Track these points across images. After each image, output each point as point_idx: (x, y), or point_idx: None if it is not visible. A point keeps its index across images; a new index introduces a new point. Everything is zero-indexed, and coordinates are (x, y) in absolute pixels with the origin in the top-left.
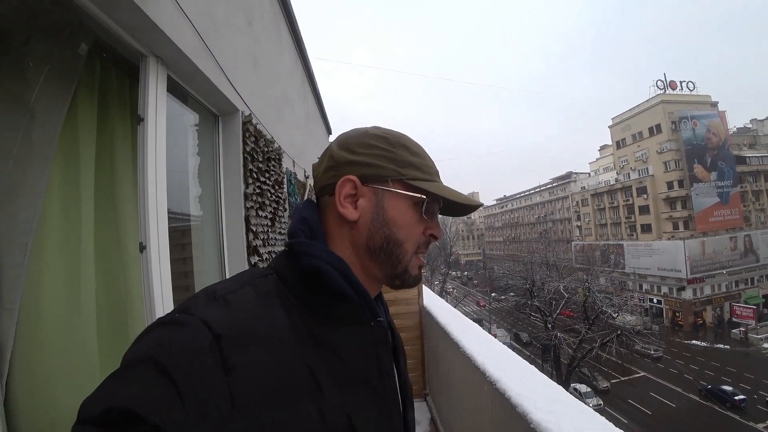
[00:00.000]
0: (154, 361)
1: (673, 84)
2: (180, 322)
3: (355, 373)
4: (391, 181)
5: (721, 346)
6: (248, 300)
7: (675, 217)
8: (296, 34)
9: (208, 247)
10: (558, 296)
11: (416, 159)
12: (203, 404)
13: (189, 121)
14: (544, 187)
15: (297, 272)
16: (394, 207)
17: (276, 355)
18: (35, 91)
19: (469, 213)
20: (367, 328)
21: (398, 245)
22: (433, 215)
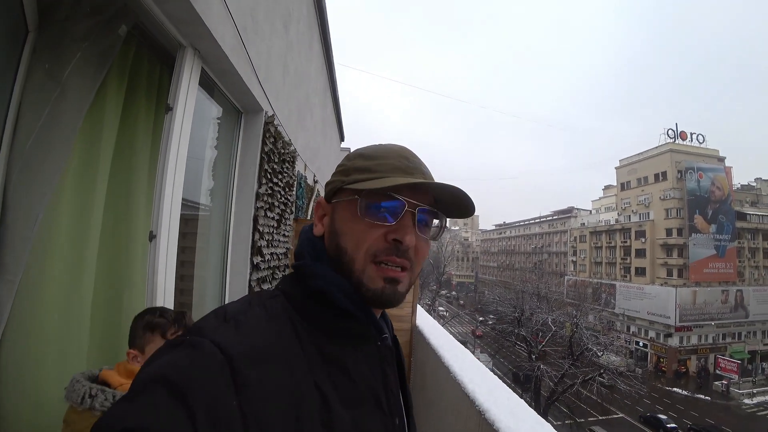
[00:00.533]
0: (166, 383)
1: (683, 134)
2: (192, 344)
3: (363, 391)
4: (338, 192)
5: (701, 397)
6: (258, 321)
7: (670, 264)
8: (327, 42)
9: (213, 241)
10: (545, 328)
11: (366, 162)
12: (216, 425)
13: (212, 113)
14: (544, 219)
15: (304, 294)
16: (340, 216)
17: (286, 375)
18: (70, 66)
19: (465, 208)
20: (374, 346)
21: (344, 253)
22: (384, 217)
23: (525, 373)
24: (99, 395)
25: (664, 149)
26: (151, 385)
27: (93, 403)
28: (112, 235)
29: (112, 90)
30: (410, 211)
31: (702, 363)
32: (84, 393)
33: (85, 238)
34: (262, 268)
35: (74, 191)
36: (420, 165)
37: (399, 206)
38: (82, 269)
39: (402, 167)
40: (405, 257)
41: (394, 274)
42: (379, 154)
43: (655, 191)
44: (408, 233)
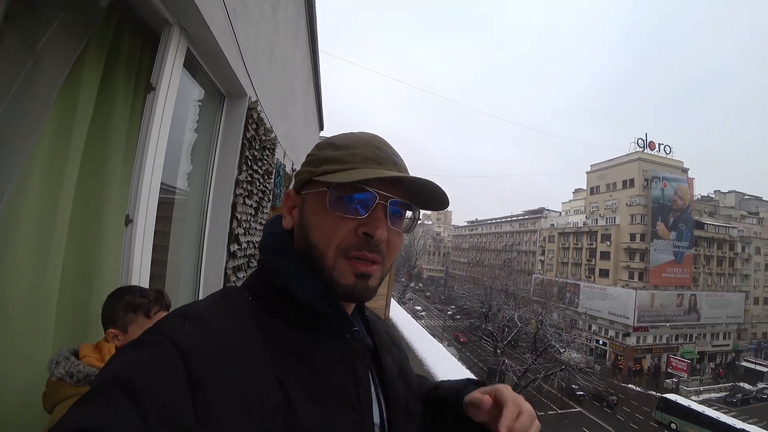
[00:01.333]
0: (118, 381)
1: (652, 144)
2: (148, 342)
3: (331, 387)
4: (307, 183)
5: (653, 393)
6: (218, 316)
7: (632, 267)
8: (313, 29)
9: (189, 227)
10: (511, 324)
11: (336, 152)
12: (167, 421)
13: (193, 95)
14: (516, 218)
15: (269, 289)
16: (310, 208)
17: (244, 371)
18: (45, 36)
19: (438, 201)
20: (344, 341)
21: (314, 248)
22: (354, 209)
23: (490, 367)
24: (62, 362)
25: (633, 157)
26: (105, 386)
27: (54, 370)
28: (83, 218)
29: (91, 64)
30: (382, 204)
31: (655, 362)
32: (54, 360)
33: (53, 221)
34: (239, 256)
35: (44, 169)
36: (392, 155)
37: (370, 198)
38: (50, 253)
39: (374, 158)
40: (377, 251)
41: (365, 269)
42: (350, 144)
43: (622, 197)
44: (379, 227)
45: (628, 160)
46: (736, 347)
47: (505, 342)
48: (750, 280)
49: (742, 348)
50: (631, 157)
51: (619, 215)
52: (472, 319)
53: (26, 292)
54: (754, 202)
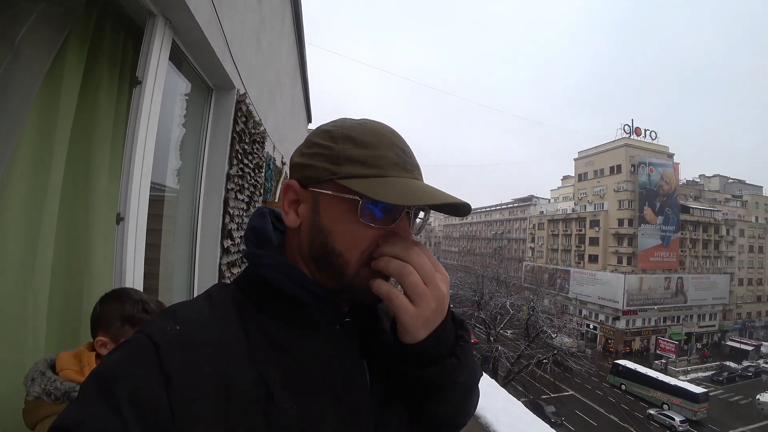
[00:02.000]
0: (98, 379)
1: (638, 131)
2: (129, 341)
3: (316, 379)
4: (325, 182)
5: None
6: (199, 310)
7: (620, 252)
8: (299, 19)
9: (180, 223)
10: (503, 311)
11: (360, 152)
12: (142, 415)
13: (180, 89)
14: (505, 206)
15: (251, 281)
16: (329, 212)
17: (221, 362)
18: (24, 28)
19: (461, 212)
20: (332, 332)
21: (336, 255)
22: (381, 218)
23: (483, 354)
24: (37, 379)
25: (620, 143)
26: (88, 384)
27: (29, 388)
28: (70, 217)
29: (72, 58)
30: (407, 212)
31: (645, 344)
32: (29, 376)
33: (39, 219)
34: (233, 251)
35: (28, 165)
36: (413, 156)
37: (398, 208)
38: (37, 253)
39: (400, 163)
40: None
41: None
42: (372, 142)
43: (610, 183)
44: (407, 236)
45: (615, 146)
46: (722, 327)
47: (498, 329)
48: (734, 261)
49: (727, 328)
50: (618, 144)
51: (607, 201)
52: (465, 307)
53: (15, 293)
54: (738, 186)
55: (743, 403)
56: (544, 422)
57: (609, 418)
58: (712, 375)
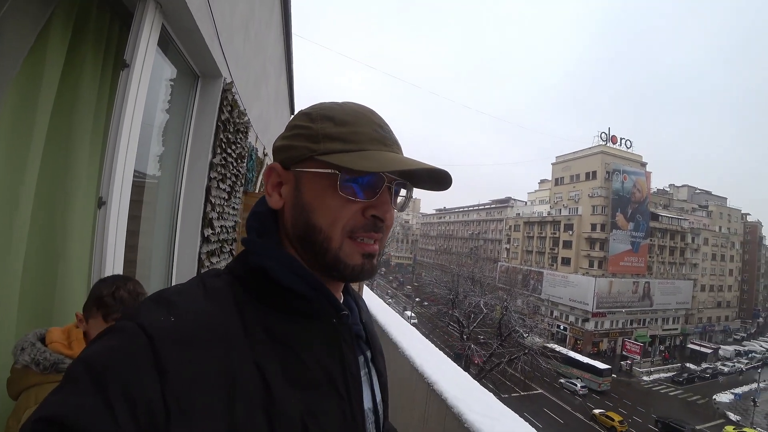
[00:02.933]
0: (88, 370)
1: (614, 138)
2: (118, 329)
3: (315, 372)
4: (306, 161)
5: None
6: (193, 299)
7: (592, 256)
8: (287, 10)
9: (161, 210)
10: (477, 310)
11: (338, 129)
12: (134, 408)
13: (167, 74)
14: (483, 207)
15: (249, 270)
16: (310, 189)
17: (219, 355)
18: (6, 5)
19: (442, 183)
20: (330, 324)
21: (318, 231)
22: (361, 192)
23: (456, 352)
24: (27, 349)
25: (596, 150)
26: (75, 373)
27: (18, 357)
28: (48, 199)
29: (56, 37)
30: (388, 186)
31: (612, 345)
32: (19, 346)
33: (16, 201)
34: (213, 240)
35: (5, 145)
36: (391, 133)
37: (378, 181)
38: (12, 235)
39: (379, 138)
40: (380, 231)
41: (370, 249)
42: (350, 120)
43: (585, 188)
44: (388, 210)
45: (591, 152)
46: (684, 331)
47: (472, 328)
48: (698, 268)
49: (689, 332)
50: (595, 150)
51: (582, 206)
52: (440, 305)
53: None
54: (705, 196)
55: (701, 403)
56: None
57: (575, 415)
58: (673, 376)
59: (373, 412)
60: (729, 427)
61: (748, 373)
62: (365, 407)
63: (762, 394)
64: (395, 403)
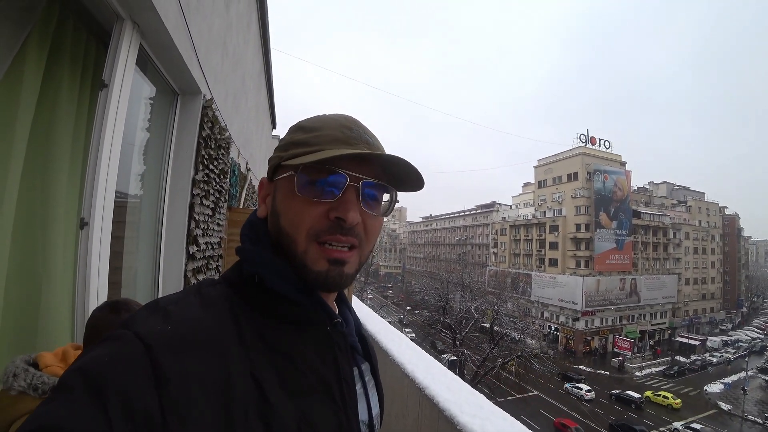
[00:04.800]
0: (84, 378)
1: (593, 140)
2: (115, 337)
3: (310, 380)
4: (278, 170)
5: (602, 372)
6: (190, 308)
7: (578, 256)
8: (264, 24)
9: (144, 230)
10: (468, 316)
11: (305, 135)
12: (132, 418)
13: (146, 93)
14: (469, 213)
15: (243, 279)
16: (279, 195)
17: (216, 364)
18: None
19: (410, 179)
20: (324, 332)
21: (285, 235)
22: (324, 193)
23: (449, 360)
24: (20, 375)
25: (576, 152)
26: (70, 382)
27: (12, 383)
28: (28, 221)
29: (32, 59)
30: (353, 186)
31: (603, 342)
32: (10, 372)
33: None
34: (198, 257)
35: None
36: (364, 134)
37: (341, 180)
38: None
39: (342, 138)
40: (351, 235)
41: (339, 255)
42: (318, 125)
43: (568, 190)
44: (350, 209)
45: (572, 154)
46: (672, 324)
47: (464, 333)
48: (681, 262)
49: (676, 325)
50: (575, 152)
51: (565, 207)
52: (431, 312)
53: None
54: (683, 192)
55: (693, 395)
56: (503, 411)
57: (571, 415)
58: (664, 369)
59: (368, 426)
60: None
61: (736, 362)
62: (360, 419)
63: (750, 382)
64: (389, 410)
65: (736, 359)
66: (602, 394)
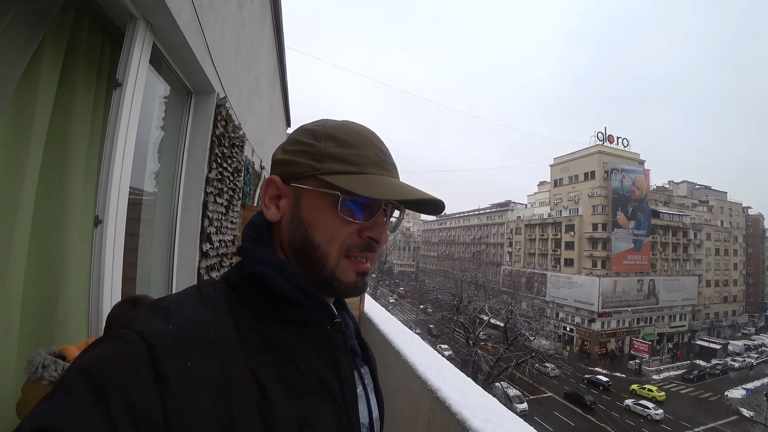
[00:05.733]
0: (82, 376)
1: (611, 138)
2: (115, 336)
3: (311, 380)
4: (307, 178)
5: (618, 375)
6: (191, 308)
7: (595, 256)
8: (278, 23)
9: (158, 227)
10: (482, 315)
11: (342, 150)
12: (133, 417)
13: (159, 91)
14: (483, 212)
15: (244, 278)
16: (310, 206)
17: (217, 364)
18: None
19: (436, 210)
20: (324, 332)
21: (316, 248)
22: (359, 214)
23: (463, 359)
24: (50, 366)
25: (593, 150)
26: (70, 381)
27: (42, 373)
28: (45, 219)
29: (49, 59)
30: (384, 209)
31: (619, 345)
32: (38, 363)
33: (14, 222)
34: (211, 255)
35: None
36: (390, 156)
37: (376, 204)
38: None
39: (379, 162)
40: (374, 251)
41: (364, 268)
42: (353, 141)
43: (584, 188)
44: (383, 232)
45: (589, 153)
46: (691, 327)
47: (477, 333)
48: (702, 264)
49: (696, 328)
50: (592, 150)
51: (582, 206)
52: (444, 311)
53: None
54: (704, 191)
55: (713, 400)
56: (517, 416)
57: (587, 417)
58: (683, 373)
59: (368, 429)
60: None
61: (758, 367)
62: (360, 421)
63: None
64: (399, 411)
65: (759, 364)
66: (618, 398)
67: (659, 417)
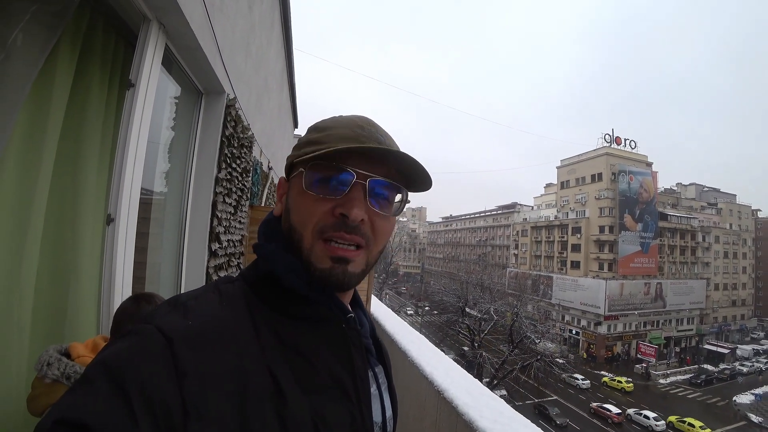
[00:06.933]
0: (105, 371)
1: (618, 140)
2: (136, 332)
3: (325, 376)
4: (291, 168)
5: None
6: (209, 304)
7: (601, 259)
8: (287, 25)
9: (168, 226)
10: (488, 317)
11: (317, 134)
12: (153, 410)
13: (170, 92)
14: (489, 213)
15: (259, 276)
16: (293, 192)
17: (233, 359)
18: (17, 29)
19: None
20: (338, 329)
21: (294, 231)
22: (330, 190)
23: (468, 360)
24: (54, 364)
25: (601, 152)
26: (91, 375)
27: (46, 371)
28: (58, 217)
29: (64, 60)
30: (360, 183)
31: (626, 348)
32: (44, 361)
33: (27, 221)
34: (220, 255)
35: (17, 166)
36: (376, 133)
37: (348, 178)
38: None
39: (352, 136)
40: (357, 233)
41: (343, 253)
42: (331, 125)
43: (591, 191)
44: (355, 206)
45: (596, 155)
46: (699, 331)
47: (482, 335)
48: (710, 267)
49: (704, 332)
50: (599, 152)
51: (589, 208)
52: (449, 313)
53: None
54: (713, 194)
55: (721, 405)
56: (524, 417)
57: (591, 422)
58: (691, 378)
59: (381, 428)
60: (673, 417)
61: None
62: (373, 420)
63: None
64: (406, 411)
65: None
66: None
67: (661, 429)
